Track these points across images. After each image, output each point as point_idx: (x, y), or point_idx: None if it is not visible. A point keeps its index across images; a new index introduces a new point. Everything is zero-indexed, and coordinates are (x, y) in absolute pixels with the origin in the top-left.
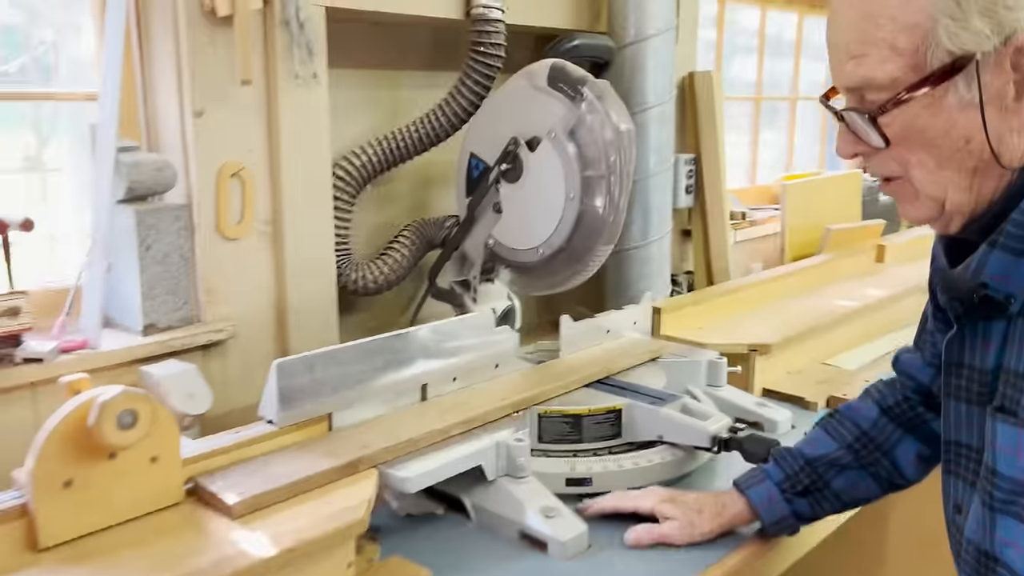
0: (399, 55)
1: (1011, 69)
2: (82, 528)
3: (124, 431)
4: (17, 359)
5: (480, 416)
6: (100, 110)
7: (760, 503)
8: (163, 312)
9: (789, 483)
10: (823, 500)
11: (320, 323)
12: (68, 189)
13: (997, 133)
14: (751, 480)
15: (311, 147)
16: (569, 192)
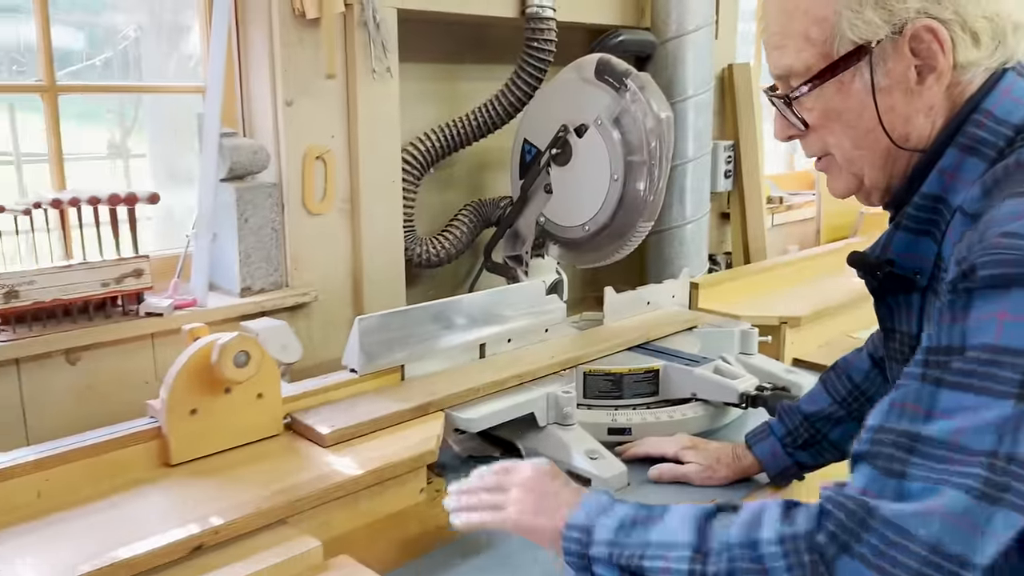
0: (459, 50)
1: (911, 55)
2: (203, 449)
3: (239, 368)
4: (141, 313)
5: (532, 371)
6: (207, 101)
7: (765, 457)
8: (257, 277)
9: (790, 438)
10: (823, 451)
11: (390, 291)
12: (148, 172)
13: (904, 115)
14: (758, 436)
15: (384, 134)
16: (613, 174)
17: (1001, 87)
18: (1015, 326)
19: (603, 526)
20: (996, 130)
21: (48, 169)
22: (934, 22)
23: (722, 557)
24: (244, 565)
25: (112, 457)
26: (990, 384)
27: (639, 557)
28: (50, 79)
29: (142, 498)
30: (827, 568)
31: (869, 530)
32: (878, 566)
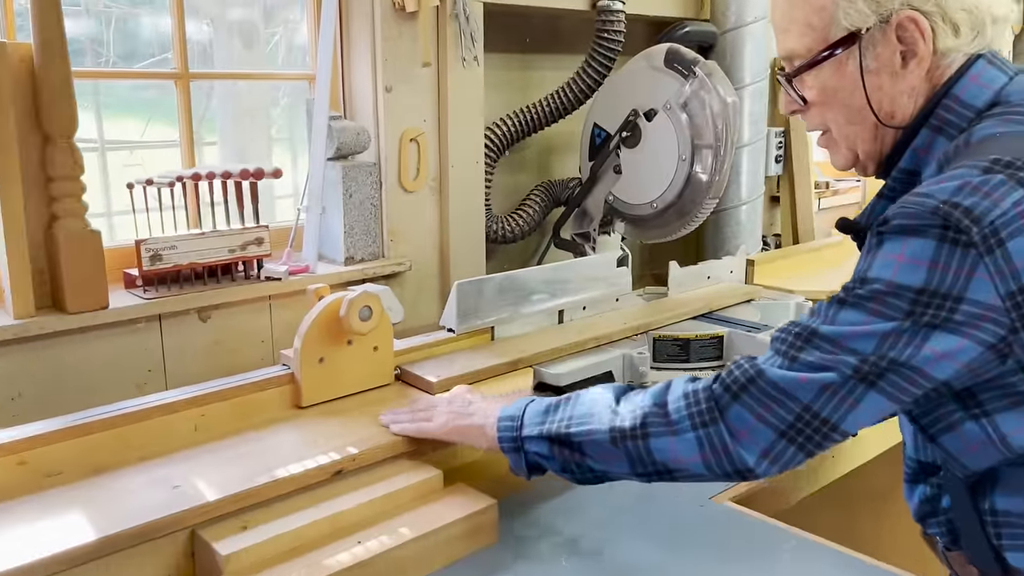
0: (533, 41)
1: (896, 41)
2: (328, 394)
3: (363, 321)
4: (261, 277)
5: (607, 335)
6: (316, 87)
7: None
8: (359, 247)
9: None
10: None
11: (471, 263)
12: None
13: (891, 96)
14: None
15: (470, 118)
16: (681, 155)
17: (971, 73)
18: (908, 266)
19: (531, 411)
20: (961, 113)
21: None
22: (916, 13)
23: (636, 414)
24: (379, 487)
25: (253, 398)
26: (881, 308)
27: (566, 426)
28: (183, 67)
29: (280, 434)
30: (720, 413)
31: (756, 386)
32: (759, 414)
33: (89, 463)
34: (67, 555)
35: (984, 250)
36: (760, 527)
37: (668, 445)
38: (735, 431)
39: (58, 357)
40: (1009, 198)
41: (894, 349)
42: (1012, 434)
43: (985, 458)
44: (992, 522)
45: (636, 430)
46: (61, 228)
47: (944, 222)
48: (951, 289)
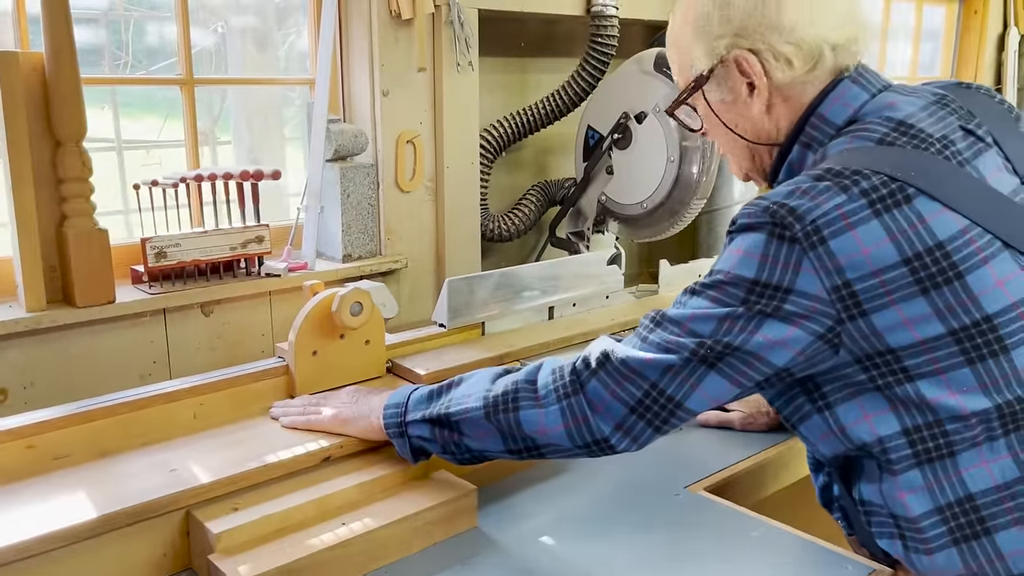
0: (529, 45)
1: (739, 75)
2: (322, 385)
3: (354, 316)
4: (261, 274)
5: (595, 331)
6: (316, 91)
7: None
8: (356, 245)
9: None
10: None
11: (467, 262)
12: (232, 157)
13: (749, 119)
14: None
15: (465, 121)
16: (670, 157)
17: (833, 95)
18: (744, 259)
19: (415, 397)
20: (824, 130)
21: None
22: (746, 52)
23: (508, 388)
24: (364, 473)
25: (249, 388)
26: (720, 296)
27: (445, 408)
28: (188, 73)
29: (274, 422)
30: (581, 385)
31: (610, 363)
32: (612, 390)
33: (94, 447)
34: (71, 531)
35: (807, 246)
36: (730, 515)
37: (535, 417)
38: (593, 404)
39: (67, 349)
40: (831, 201)
41: (729, 334)
42: (850, 425)
43: (832, 446)
44: (864, 511)
45: (508, 404)
46: (71, 227)
47: (772, 219)
48: (780, 281)
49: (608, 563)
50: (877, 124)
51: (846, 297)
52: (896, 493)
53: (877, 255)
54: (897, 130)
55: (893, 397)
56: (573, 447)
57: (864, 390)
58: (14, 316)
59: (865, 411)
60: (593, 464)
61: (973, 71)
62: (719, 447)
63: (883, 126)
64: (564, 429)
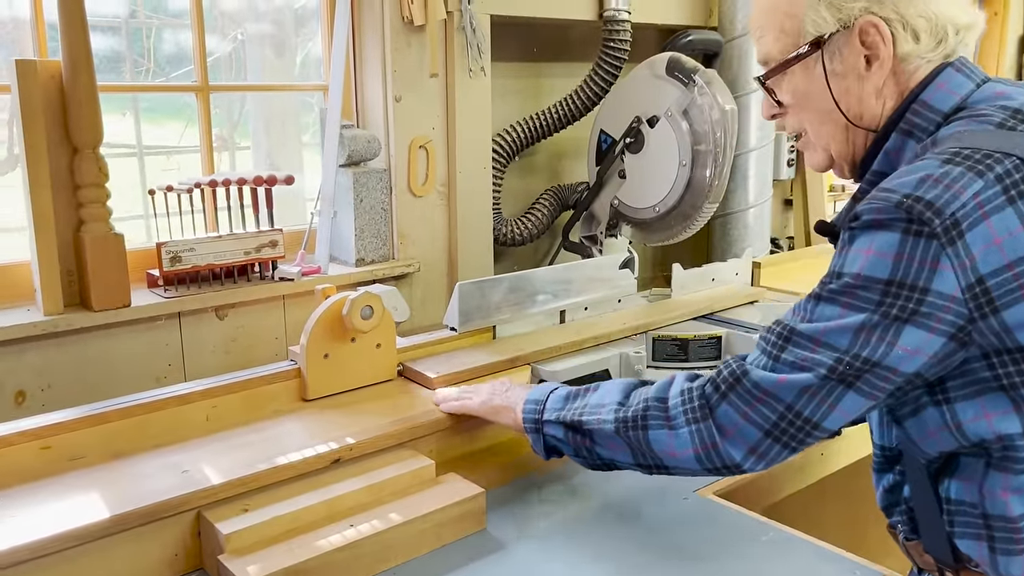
0: (542, 50)
1: (860, 46)
2: (333, 388)
3: (364, 320)
4: (275, 278)
5: (606, 335)
6: (329, 97)
7: None
8: (369, 250)
9: None
10: None
11: (479, 266)
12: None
13: (858, 97)
14: None
15: (477, 126)
16: (682, 161)
17: (938, 81)
18: (876, 259)
19: (554, 397)
20: (929, 117)
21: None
22: (877, 18)
23: (639, 406)
24: (374, 475)
25: (262, 391)
26: (852, 301)
27: (579, 414)
28: (204, 80)
29: (285, 424)
30: (710, 410)
31: (741, 386)
32: (745, 413)
33: (109, 449)
34: (85, 531)
35: (946, 241)
36: (739, 519)
37: (664, 438)
38: (723, 429)
39: (84, 351)
40: (969, 189)
41: (867, 347)
42: (967, 422)
43: (940, 443)
44: (947, 510)
45: (637, 421)
46: (87, 231)
47: (908, 215)
48: (916, 280)
49: (617, 567)
50: (993, 110)
51: (979, 295)
52: (999, 492)
53: (1010, 245)
54: (1015, 116)
55: (1018, 397)
56: (702, 469)
57: (988, 388)
58: (32, 319)
59: (986, 409)
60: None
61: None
62: None
63: (1000, 112)
64: (693, 453)
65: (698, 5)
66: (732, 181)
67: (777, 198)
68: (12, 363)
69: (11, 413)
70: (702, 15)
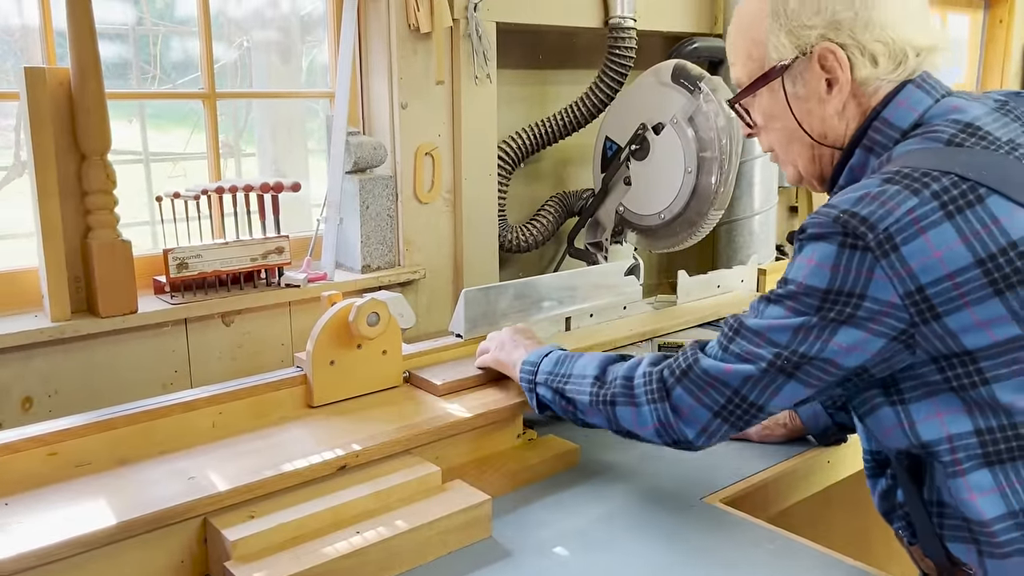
0: (547, 57)
1: (820, 70)
2: (339, 395)
3: (371, 327)
4: (281, 284)
5: (611, 341)
6: (336, 104)
7: (807, 418)
8: (375, 256)
9: (830, 400)
10: None
11: (485, 272)
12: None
13: (821, 118)
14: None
15: (483, 133)
16: (687, 168)
17: (898, 99)
18: (816, 269)
19: (546, 360)
20: (888, 134)
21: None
22: (833, 45)
23: (609, 385)
24: (380, 481)
25: (268, 398)
26: (795, 305)
27: (563, 383)
28: (211, 87)
29: (291, 431)
30: (667, 392)
31: (693, 372)
32: (697, 397)
33: (115, 455)
34: (91, 537)
35: (880, 254)
36: (746, 527)
37: (629, 415)
38: (678, 409)
39: (91, 358)
40: (903, 206)
41: (804, 343)
42: (920, 422)
43: (896, 441)
44: (936, 512)
45: (607, 398)
46: (95, 238)
47: (844, 229)
48: (853, 288)
49: (622, 574)
50: (944, 126)
51: (919, 301)
52: (966, 495)
53: (949, 257)
54: (964, 131)
55: (968, 399)
56: (661, 442)
57: (939, 390)
58: (39, 326)
59: (938, 410)
60: (609, 474)
61: (999, 80)
62: (736, 459)
63: (950, 128)
64: (653, 429)
65: (703, 12)
66: (737, 188)
67: (782, 205)
68: (19, 369)
69: (18, 419)
70: (707, 22)
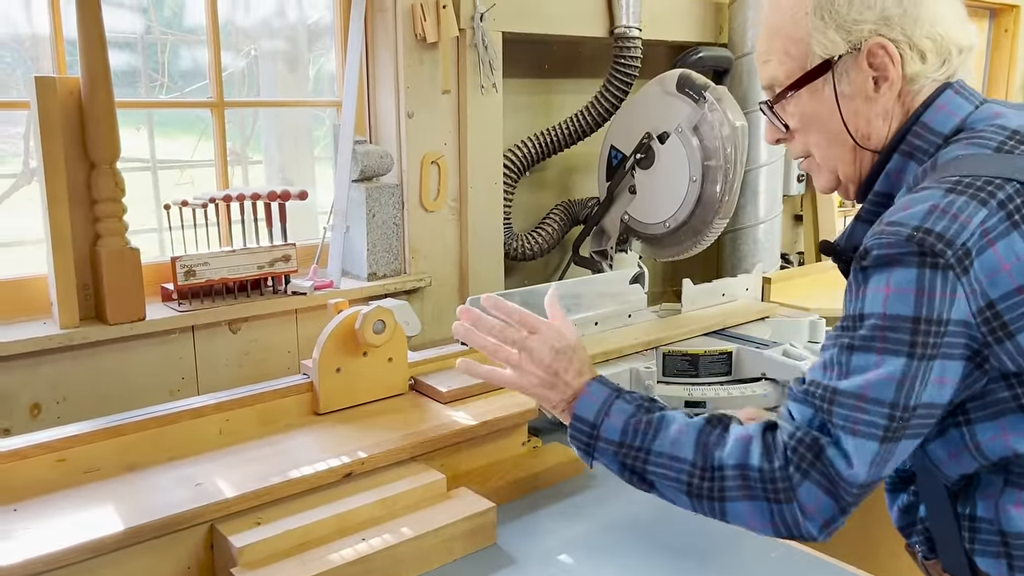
0: (553, 66)
1: (868, 67)
2: (345, 402)
3: (376, 334)
4: (287, 292)
5: (616, 350)
6: (343, 113)
7: None
8: (381, 264)
9: None
10: None
11: (490, 280)
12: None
13: (867, 118)
14: None
15: (489, 142)
16: (692, 176)
17: (939, 103)
18: (897, 297)
19: (610, 427)
20: (929, 139)
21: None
22: (885, 40)
23: (715, 475)
24: (385, 489)
25: (274, 405)
26: (884, 345)
27: (643, 461)
28: (219, 96)
29: (298, 438)
30: (793, 491)
31: (822, 462)
32: (827, 489)
33: (123, 461)
34: (99, 543)
35: (960, 271)
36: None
37: (743, 509)
38: (805, 508)
39: (99, 364)
40: (975, 218)
41: (911, 395)
42: (986, 442)
43: (962, 464)
44: (968, 527)
45: (715, 492)
46: (103, 246)
47: (920, 248)
48: (940, 313)
49: None
50: (991, 132)
51: (991, 319)
52: (1012, 507)
53: (1018, 269)
54: (1012, 138)
55: None
56: (775, 536)
57: (1008, 409)
58: (48, 333)
59: (1005, 430)
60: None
61: (1003, 90)
62: None
63: (998, 134)
64: (772, 527)
65: (708, 22)
66: (742, 196)
67: (787, 213)
68: (28, 376)
69: (27, 426)
70: (712, 32)
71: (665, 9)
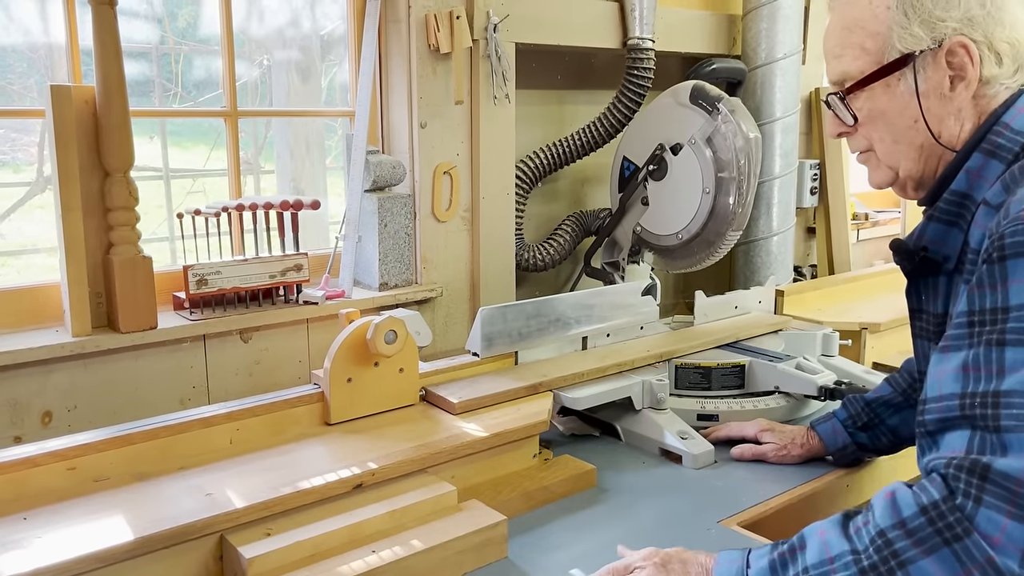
0: (566, 77)
1: (946, 66)
2: (356, 412)
3: (388, 344)
4: (299, 302)
5: (629, 362)
6: (356, 123)
7: (826, 435)
8: (393, 274)
9: (851, 420)
10: (880, 434)
11: (502, 291)
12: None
13: (939, 116)
14: (821, 418)
15: (501, 153)
16: (705, 188)
17: (1019, 104)
18: None
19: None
20: (1012, 138)
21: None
22: (967, 39)
23: (878, 544)
24: (396, 500)
25: (285, 414)
26: None
27: None
28: (233, 106)
29: (308, 448)
30: (969, 521)
31: (992, 483)
32: (1008, 511)
33: (133, 470)
34: (109, 552)
35: None
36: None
37: (926, 567)
38: (989, 537)
39: (110, 373)
40: None
41: None
42: None
43: None
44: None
45: (888, 562)
46: (116, 254)
47: None
48: None
49: None
50: None
51: None
52: None
53: None
54: None
55: None
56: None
57: None
58: (60, 340)
59: None
60: (625, 497)
61: None
62: (753, 481)
63: None
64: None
65: (721, 34)
66: (755, 209)
67: (800, 226)
68: (40, 384)
69: (38, 434)
70: (725, 44)
71: (678, 21)
